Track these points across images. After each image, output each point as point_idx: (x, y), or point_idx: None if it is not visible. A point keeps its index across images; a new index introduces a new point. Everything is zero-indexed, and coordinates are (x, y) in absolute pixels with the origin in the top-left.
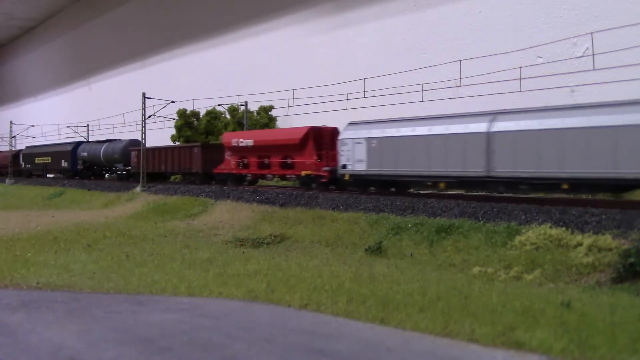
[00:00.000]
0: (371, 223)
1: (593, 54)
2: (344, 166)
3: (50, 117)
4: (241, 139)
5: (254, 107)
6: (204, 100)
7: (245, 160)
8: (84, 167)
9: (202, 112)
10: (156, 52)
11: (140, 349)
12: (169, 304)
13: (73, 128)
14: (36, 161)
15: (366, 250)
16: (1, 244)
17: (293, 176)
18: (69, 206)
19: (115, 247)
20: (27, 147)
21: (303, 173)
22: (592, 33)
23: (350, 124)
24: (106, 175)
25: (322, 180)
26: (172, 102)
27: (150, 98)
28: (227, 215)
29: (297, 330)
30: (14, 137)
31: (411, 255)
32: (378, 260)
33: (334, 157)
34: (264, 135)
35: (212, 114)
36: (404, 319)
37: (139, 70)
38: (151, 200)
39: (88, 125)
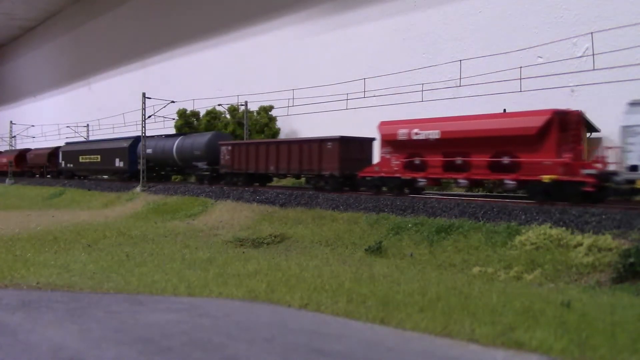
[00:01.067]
0: (371, 223)
1: (593, 54)
2: (635, 167)
3: (50, 117)
4: (416, 130)
5: (254, 107)
6: (204, 100)
7: (419, 160)
8: (147, 166)
9: (202, 112)
10: (156, 52)
11: (140, 349)
12: (169, 304)
13: (73, 128)
14: (81, 160)
15: (366, 250)
16: (1, 244)
17: (512, 183)
18: (69, 206)
19: (115, 247)
20: (68, 144)
21: (545, 178)
22: (592, 33)
23: (634, 103)
24: (173, 177)
25: (584, 188)
26: (172, 102)
27: (150, 98)
28: (227, 215)
29: (297, 330)
30: (14, 137)
31: (411, 255)
32: (378, 260)
33: (580, 154)
34: (463, 124)
35: (212, 114)
36: (404, 319)
37: (139, 70)
38: (151, 200)
39: (88, 125)
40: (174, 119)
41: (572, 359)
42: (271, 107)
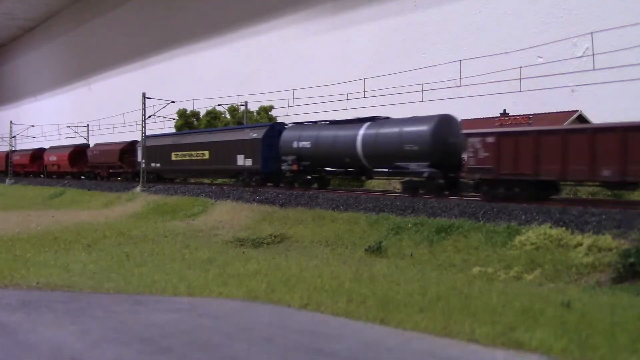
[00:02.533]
0: (371, 223)
1: (593, 54)
2: None
3: (50, 117)
4: None
5: (254, 107)
6: (204, 100)
7: None
8: (300, 166)
9: (202, 112)
10: (156, 52)
11: (140, 349)
12: (169, 304)
13: (73, 128)
14: (174, 158)
15: (366, 250)
16: (1, 244)
17: None
18: (69, 206)
19: (115, 247)
20: (150, 137)
21: None
22: (592, 33)
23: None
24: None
25: None
26: (172, 102)
27: (150, 98)
28: (227, 215)
29: (297, 330)
30: (14, 137)
31: (411, 255)
32: (378, 260)
33: None
34: None
35: (212, 114)
36: (404, 319)
37: (139, 70)
38: (151, 200)
39: (88, 125)
40: (174, 119)
41: (572, 359)
42: (271, 107)
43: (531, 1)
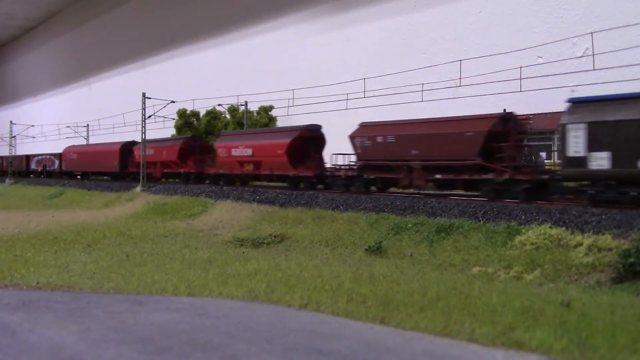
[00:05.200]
0: (371, 223)
1: (593, 54)
2: None
3: (50, 117)
4: None
5: (254, 107)
6: (204, 100)
7: None
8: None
9: (202, 112)
10: (156, 52)
11: (140, 349)
12: (169, 304)
13: (73, 128)
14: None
15: (366, 250)
16: (1, 244)
17: None
18: (69, 206)
19: (115, 247)
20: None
21: None
22: (592, 33)
23: None
24: None
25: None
26: (172, 102)
27: (150, 98)
28: (227, 215)
29: (297, 330)
30: (14, 137)
31: (411, 255)
32: (378, 260)
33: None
34: None
35: (212, 114)
36: (404, 319)
37: (139, 70)
38: (151, 200)
39: (88, 125)
40: (173, 119)
41: (572, 359)
42: (271, 107)
43: (531, 1)
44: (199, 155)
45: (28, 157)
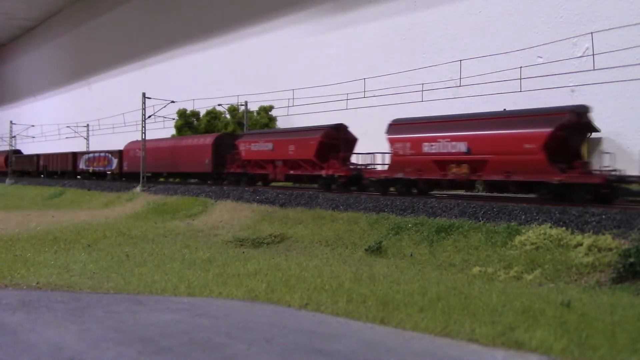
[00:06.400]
0: (371, 223)
1: (593, 54)
2: None
3: (50, 117)
4: None
5: (254, 107)
6: (204, 100)
7: None
8: None
9: (202, 112)
10: (156, 52)
11: (140, 349)
12: (169, 304)
13: (73, 128)
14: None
15: (366, 250)
16: (1, 244)
17: None
18: (69, 206)
19: (115, 247)
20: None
21: None
22: (592, 33)
23: None
24: None
25: None
26: (172, 102)
27: (150, 98)
28: (227, 215)
29: (297, 330)
30: (14, 137)
31: (411, 255)
32: (378, 260)
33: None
34: None
35: (212, 114)
36: (404, 319)
37: (139, 70)
38: (151, 200)
39: (88, 125)
40: (173, 119)
41: (572, 359)
42: (271, 107)
43: (531, 1)
44: (344, 152)
45: (75, 155)
